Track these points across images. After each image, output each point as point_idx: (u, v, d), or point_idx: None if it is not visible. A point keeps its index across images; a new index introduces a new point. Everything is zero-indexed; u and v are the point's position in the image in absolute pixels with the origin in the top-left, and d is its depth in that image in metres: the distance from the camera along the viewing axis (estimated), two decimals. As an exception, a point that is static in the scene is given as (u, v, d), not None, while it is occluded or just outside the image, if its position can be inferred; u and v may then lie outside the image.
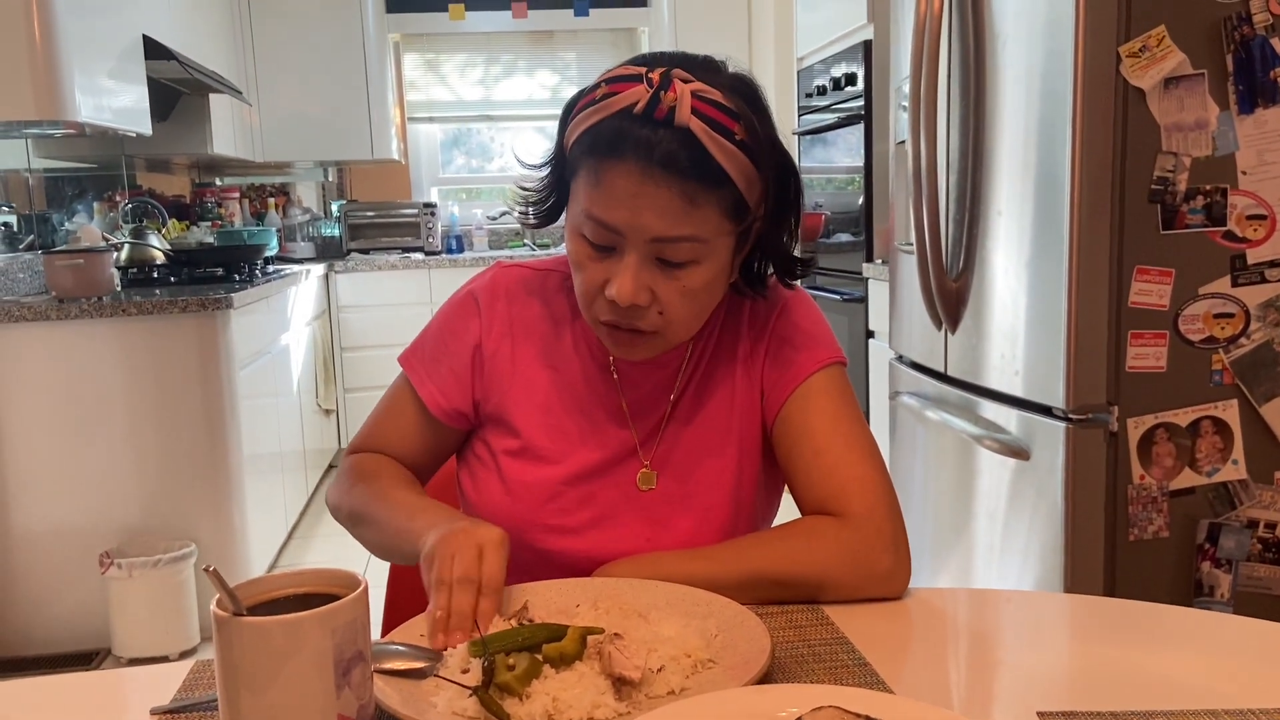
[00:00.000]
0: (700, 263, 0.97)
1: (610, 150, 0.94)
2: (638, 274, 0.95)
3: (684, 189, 0.92)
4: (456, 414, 1.11)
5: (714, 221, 0.95)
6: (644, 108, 0.92)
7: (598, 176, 0.95)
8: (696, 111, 0.92)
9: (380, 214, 5.24)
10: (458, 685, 0.75)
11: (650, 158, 0.92)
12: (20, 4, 2.47)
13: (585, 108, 0.97)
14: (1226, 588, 1.84)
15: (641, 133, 0.92)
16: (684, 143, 0.92)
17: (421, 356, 1.13)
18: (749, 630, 0.83)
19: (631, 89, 0.94)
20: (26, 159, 3.43)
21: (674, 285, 0.97)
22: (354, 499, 1.08)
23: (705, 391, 1.09)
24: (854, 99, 3.50)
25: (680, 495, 1.08)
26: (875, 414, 3.28)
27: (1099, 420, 1.82)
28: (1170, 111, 1.74)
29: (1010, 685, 0.83)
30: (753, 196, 0.97)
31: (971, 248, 2.10)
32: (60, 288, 2.83)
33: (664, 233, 0.94)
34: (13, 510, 2.75)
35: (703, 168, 0.93)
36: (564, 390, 1.09)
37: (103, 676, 0.90)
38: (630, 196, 0.93)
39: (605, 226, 0.95)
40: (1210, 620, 0.93)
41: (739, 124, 0.94)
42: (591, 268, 0.98)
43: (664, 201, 0.93)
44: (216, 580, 0.65)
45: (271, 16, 4.93)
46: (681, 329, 1.01)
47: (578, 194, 0.98)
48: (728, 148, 0.93)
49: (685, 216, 0.94)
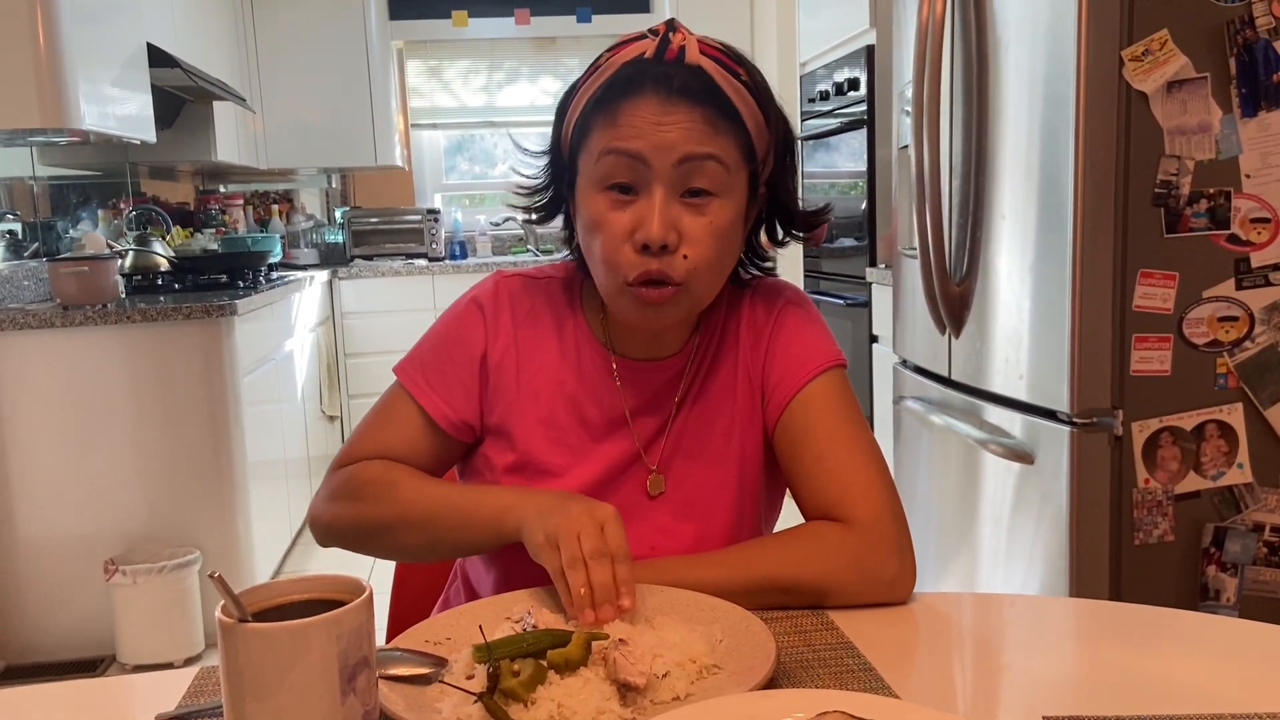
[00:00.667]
0: (721, 196, 0.97)
1: (627, 89, 0.95)
2: (665, 209, 0.95)
3: (705, 114, 0.95)
4: (463, 425, 1.08)
5: (733, 152, 0.97)
6: (654, 51, 0.96)
7: (616, 116, 0.95)
8: (704, 53, 0.96)
9: (384, 220, 5.25)
10: (463, 691, 0.75)
11: (670, 88, 0.94)
12: (25, 12, 2.48)
13: (586, 79, 0.99)
14: (1232, 592, 1.84)
15: (658, 69, 0.95)
16: (698, 76, 0.95)
17: (421, 366, 1.10)
18: (754, 635, 0.83)
19: (636, 44, 0.98)
20: (31, 167, 3.44)
21: (700, 222, 0.97)
22: (375, 507, 1.02)
23: (708, 393, 1.09)
24: (856, 104, 3.50)
25: (686, 499, 1.07)
26: (879, 419, 3.27)
27: (1103, 424, 1.81)
28: (1173, 115, 1.74)
29: (1016, 690, 0.83)
30: (761, 145, 1.00)
31: (975, 252, 2.10)
32: (65, 295, 2.84)
33: (692, 149, 0.95)
34: (18, 518, 2.76)
35: (719, 98, 0.96)
36: (568, 399, 1.08)
37: (108, 683, 0.90)
38: (653, 124, 0.94)
39: (629, 155, 0.95)
40: (1216, 624, 0.93)
41: (742, 69, 0.99)
42: (613, 219, 0.97)
43: (687, 123, 0.94)
44: (221, 586, 0.65)
45: (275, 24, 4.95)
46: (705, 279, 1.00)
47: (590, 152, 0.98)
48: (737, 87, 0.97)
49: (709, 138, 0.95)
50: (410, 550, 1.06)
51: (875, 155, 3.43)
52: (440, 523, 1.00)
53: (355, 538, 1.06)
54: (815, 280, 4.04)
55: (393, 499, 1.02)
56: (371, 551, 1.07)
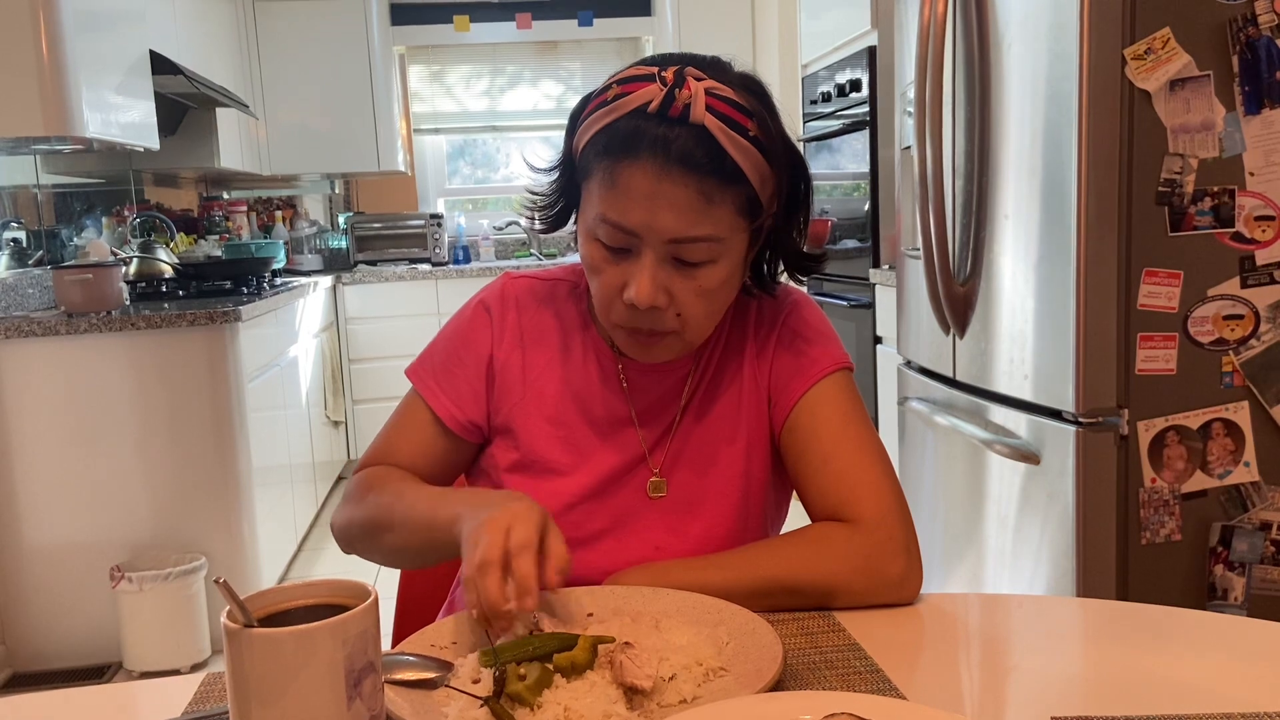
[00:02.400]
0: (716, 262, 0.97)
1: (625, 150, 0.93)
2: (654, 275, 0.95)
3: (701, 187, 0.93)
4: (471, 426, 1.10)
5: (729, 219, 0.95)
6: (658, 106, 0.92)
7: (613, 178, 0.94)
8: (711, 109, 0.92)
9: (387, 225, 5.26)
10: (469, 695, 0.75)
11: (668, 155, 0.92)
12: (28, 21, 2.49)
13: (596, 109, 0.97)
14: (1240, 591, 1.83)
15: (658, 131, 0.92)
16: (700, 140, 0.92)
17: (431, 368, 1.11)
18: (760, 637, 0.83)
19: (644, 88, 0.94)
20: (35, 175, 3.45)
21: (691, 285, 0.97)
22: (367, 509, 1.04)
23: (713, 397, 1.09)
24: (859, 105, 3.50)
25: (689, 502, 1.07)
26: (884, 419, 3.27)
27: (1109, 424, 1.81)
28: (1176, 113, 1.73)
29: (1023, 690, 0.82)
30: (765, 194, 0.97)
31: (979, 252, 2.10)
32: (69, 302, 2.84)
33: (681, 233, 0.94)
34: (24, 525, 2.76)
35: (719, 164, 0.93)
36: (573, 400, 1.08)
37: (114, 690, 0.90)
38: (647, 197, 0.93)
39: (622, 229, 0.95)
40: (1224, 623, 0.93)
41: (752, 121, 0.95)
42: (608, 271, 0.98)
43: (682, 200, 0.93)
44: (227, 592, 0.65)
45: (277, 30, 4.96)
46: (699, 329, 1.01)
47: (591, 197, 0.97)
48: (742, 144, 0.93)
49: (702, 215, 0.93)
50: (397, 555, 1.06)
51: (878, 156, 3.43)
52: (409, 528, 0.99)
53: (357, 541, 1.08)
54: (819, 282, 4.04)
55: (376, 503, 1.03)
56: (374, 556, 1.08)
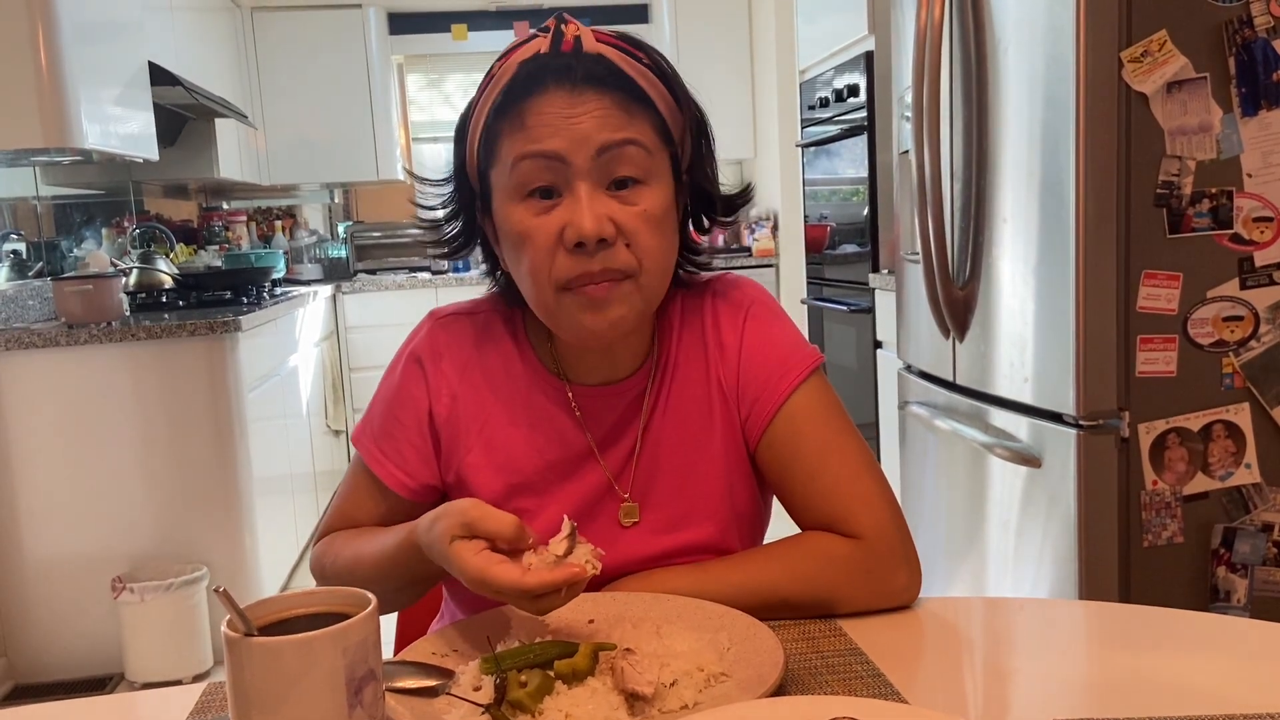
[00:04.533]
0: (648, 183, 0.93)
1: (529, 87, 0.91)
2: (592, 202, 0.90)
3: (615, 99, 0.91)
4: (423, 489, 1.03)
5: (649, 135, 0.93)
6: (549, 46, 0.92)
7: (523, 118, 0.90)
8: (600, 40, 0.93)
9: (386, 234, 5.27)
10: (470, 703, 0.75)
11: (574, 80, 0.90)
12: (27, 32, 2.49)
13: (483, 91, 0.95)
14: (1243, 592, 1.83)
15: (558, 62, 0.91)
16: (600, 63, 0.91)
17: (374, 434, 1.04)
18: (762, 643, 0.82)
19: (527, 44, 0.93)
20: (35, 186, 3.46)
21: (633, 211, 0.92)
22: (333, 575, 1.01)
23: (677, 411, 1.03)
24: (857, 110, 3.50)
25: (668, 522, 1.02)
26: (885, 424, 3.27)
27: (1110, 426, 1.81)
28: (1174, 115, 1.74)
29: (1026, 694, 0.82)
30: (676, 127, 0.95)
31: (978, 256, 2.10)
32: (69, 314, 2.85)
33: (608, 137, 0.90)
34: (25, 537, 2.76)
35: (626, 83, 0.92)
36: (524, 443, 1.01)
37: (116, 701, 0.90)
38: (564, 119, 0.90)
39: (545, 156, 0.90)
40: (1227, 625, 0.93)
41: (642, 52, 0.95)
42: (540, 225, 0.91)
43: (599, 111, 0.90)
44: (227, 601, 0.65)
45: (276, 41, 4.97)
46: (653, 271, 0.94)
47: (501, 162, 0.93)
48: (642, 70, 0.93)
49: (624, 123, 0.91)
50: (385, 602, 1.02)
51: (876, 161, 3.43)
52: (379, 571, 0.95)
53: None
54: (818, 287, 4.04)
55: (336, 572, 1.00)
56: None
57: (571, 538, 0.81)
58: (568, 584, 0.78)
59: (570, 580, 0.78)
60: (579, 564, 0.79)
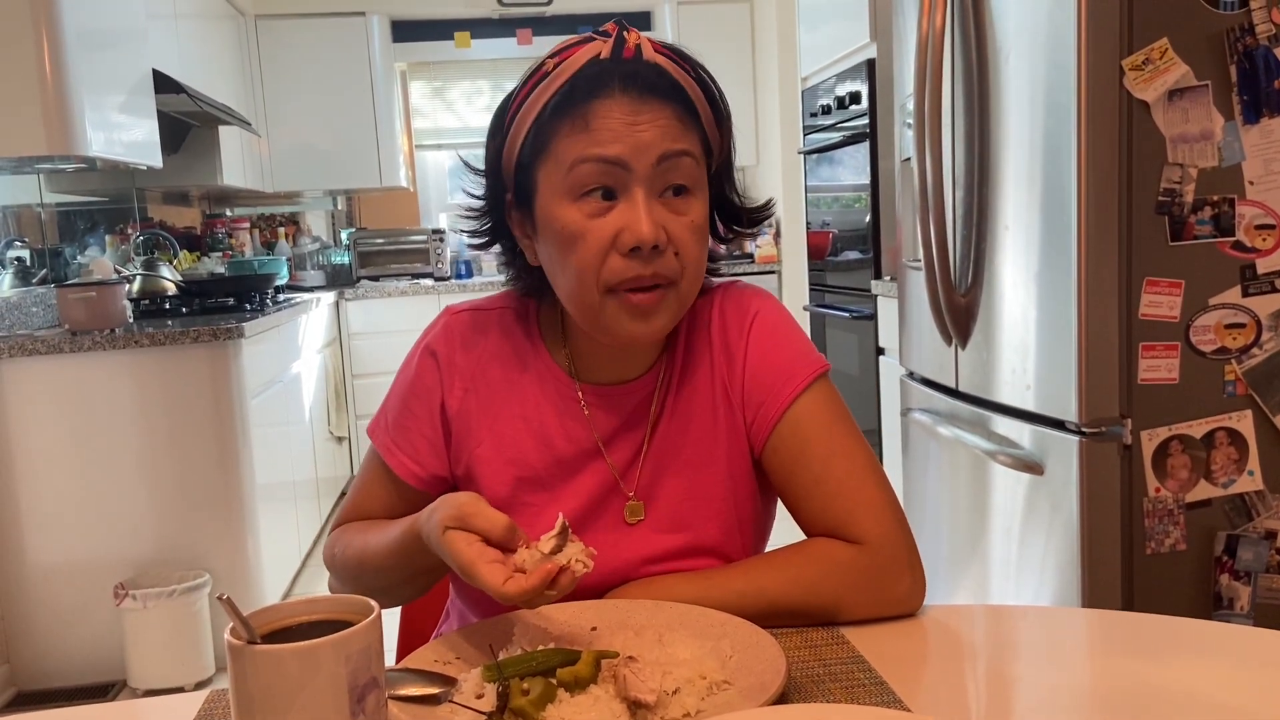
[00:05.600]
0: (695, 194, 0.96)
1: (593, 91, 0.92)
2: (650, 209, 0.93)
3: (673, 110, 0.94)
4: (434, 480, 1.06)
5: (698, 147, 0.96)
6: (610, 52, 0.94)
7: (586, 120, 0.92)
8: (658, 51, 0.96)
9: (389, 241, 5.28)
10: (472, 711, 0.75)
11: (639, 87, 0.92)
12: (31, 40, 2.50)
13: (534, 87, 0.95)
14: (1246, 600, 1.82)
15: (621, 69, 0.93)
16: (661, 74, 0.94)
17: (387, 425, 1.07)
18: (764, 651, 0.82)
19: (585, 47, 0.95)
20: (39, 194, 3.47)
21: (683, 221, 0.95)
22: (342, 568, 1.04)
23: (682, 412, 1.05)
24: (859, 117, 3.51)
25: (672, 521, 1.03)
26: (887, 431, 3.27)
27: (1112, 433, 1.81)
28: (1175, 123, 1.74)
29: (1029, 702, 0.82)
30: (714, 141, 0.99)
31: (980, 262, 2.10)
32: (73, 320, 2.85)
33: (669, 146, 0.93)
34: (27, 543, 2.76)
35: (682, 96, 0.95)
36: (533, 437, 1.03)
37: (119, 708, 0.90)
38: (627, 126, 0.92)
39: (608, 162, 0.92)
40: (1230, 633, 0.92)
41: (690, 65, 0.98)
42: (595, 228, 0.93)
43: (662, 120, 0.93)
44: (230, 608, 0.65)
45: (279, 48, 4.99)
46: (693, 278, 0.97)
47: (557, 160, 0.94)
48: (691, 83, 0.96)
49: (681, 134, 0.94)
50: (388, 594, 1.03)
51: (878, 168, 3.43)
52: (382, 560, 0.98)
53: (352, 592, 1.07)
54: (820, 294, 4.05)
55: (345, 561, 1.04)
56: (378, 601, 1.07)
57: (562, 535, 0.82)
58: (545, 585, 0.79)
59: (545, 580, 0.79)
60: (561, 562, 0.80)
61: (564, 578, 0.80)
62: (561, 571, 0.80)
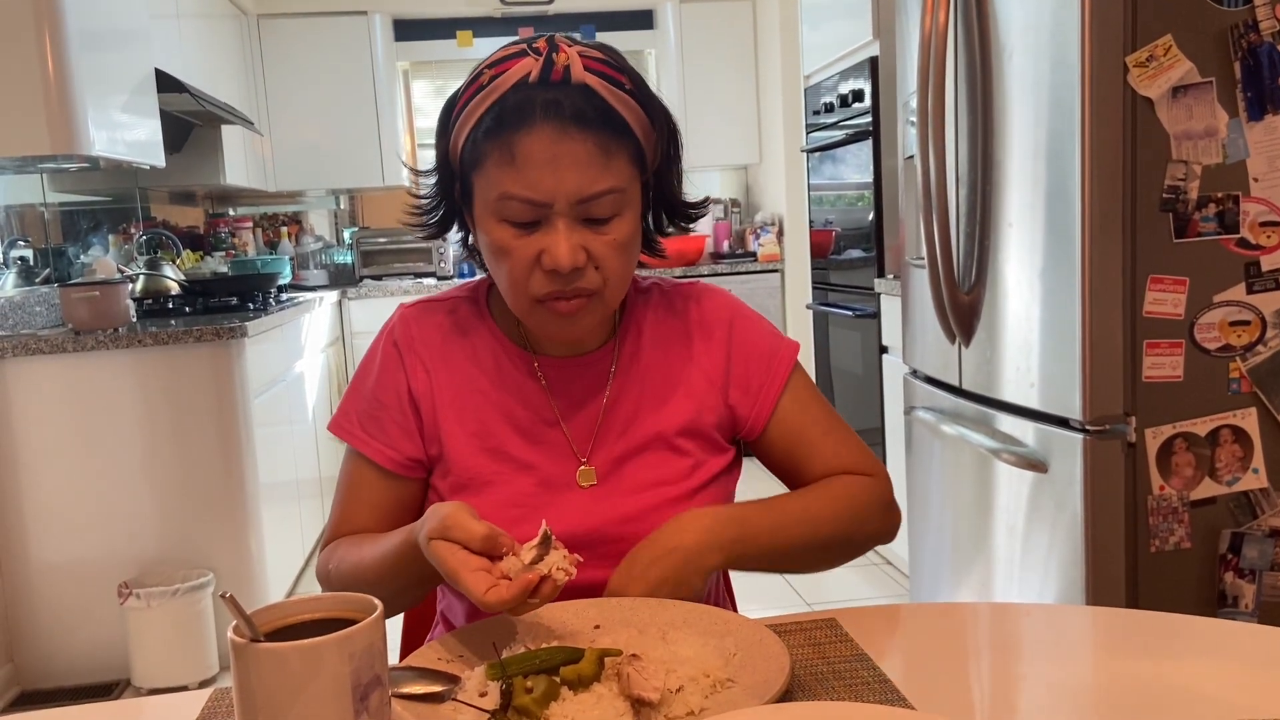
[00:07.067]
0: (622, 215, 0.99)
1: (518, 121, 0.95)
2: (569, 237, 0.96)
3: (598, 141, 0.95)
4: (411, 463, 1.09)
5: (626, 171, 0.98)
6: (539, 74, 0.96)
7: (511, 152, 0.95)
8: (589, 69, 0.97)
9: (392, 240, 5.27)
10: (476, 709, 0.75)
11: (561, 116, 0.94)
12: (33, 40, 2.50)
13: (471, 98, 0.98)
14: (1250, 598, 1.82)
15: (546, 96, 0.95)
16: (587, 98, 0.96)
17: (357, 418, 1.11)
18: (768, 648, 0.82)
19: (518, 63, 0.97)
20: (42, 193, 3.47)
21: (605, 240, 0.98)
22: (337, 579, 1.05)
23: (642, 384, 1.10)
24: (861, 115, 3.50)
25: (627, 487, 1.07)
26: (890, 430, 3.26)
27: (1117, 431, 1.80)
28: (1179, 120, 1.74)
29: (1033, 699, 0.82)
30: (649, 145, 1.01)
31: (983, 260, 2.10)
32: (76, 320, 2.85)
33: (588, 190, 0.95)
34: (31, 543, 2.76)
35: (609, 119, 0.96)
36: (495, 409, 1.08)
37: (123, 707, 0.91)
38: (549, 162, 0.94)
39: (531, 202, 0.95)
40: (1235, 631, 0.92)
41: (625, 76, 0.99)
42: (518, 247, 0.98)
43: (583, 157, 0.95)
44: (233, 606, 0.65)
45: (282, 48, 4.99)
46: (617, 286, 1.02)
47: (488, 181, 0.97)
48: (624, 99, 0.98)
49: (603, 170, 0.96)
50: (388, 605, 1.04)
51: (881, 166, 3.43)
52: (379, 573, 0.99)
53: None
54: (823, 292, 4.04)
55: (341, 578, 1.04)
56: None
57: (544, 545, 0.83)
58: (525, 594, 0.81)
59: (525, 590, 0.81)
60: (542, 571, 0.82)
61: (545, 586, 0.82)
62: (543, 580, 0.81)
